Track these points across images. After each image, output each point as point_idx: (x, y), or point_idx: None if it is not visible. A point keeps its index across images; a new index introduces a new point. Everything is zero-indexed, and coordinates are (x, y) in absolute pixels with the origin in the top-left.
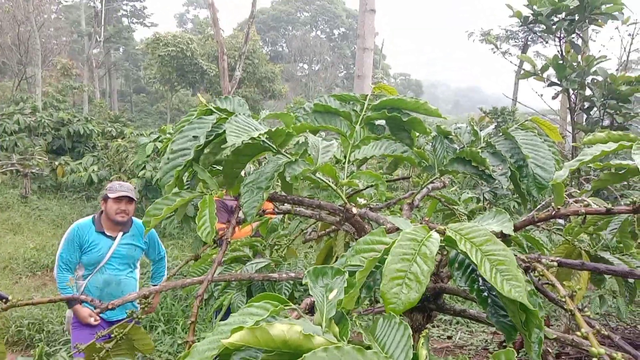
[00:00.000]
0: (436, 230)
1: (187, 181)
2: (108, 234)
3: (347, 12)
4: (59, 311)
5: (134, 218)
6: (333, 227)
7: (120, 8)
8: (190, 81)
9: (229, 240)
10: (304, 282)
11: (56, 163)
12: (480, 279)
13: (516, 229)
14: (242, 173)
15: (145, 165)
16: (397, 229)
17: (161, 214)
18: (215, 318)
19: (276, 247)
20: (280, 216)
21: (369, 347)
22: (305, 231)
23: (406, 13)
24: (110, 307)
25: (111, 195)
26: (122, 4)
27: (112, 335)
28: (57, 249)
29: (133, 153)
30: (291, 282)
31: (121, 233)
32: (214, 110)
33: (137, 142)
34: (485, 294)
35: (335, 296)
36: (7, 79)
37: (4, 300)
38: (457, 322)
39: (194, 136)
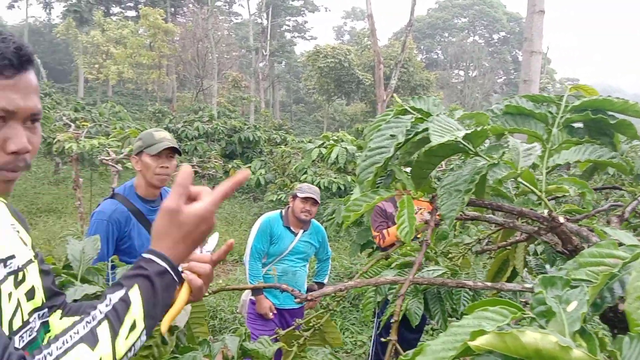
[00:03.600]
0: None
1: (378, 181)
2: (292, 229)
3: (508, 15)
4: (230, 301)
5: (312, 219)
6: (515, 238)
7: (283, 23)
8: (346, 91)
9: (429, 242)
10: (535, 290)
11: (229, 166)
12: None
13: None
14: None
15: (306, 170)
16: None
17: (361, 209)
18: (379, 320)
19: (449, 255)
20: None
21: None
22: (480, 240)
23: (574, 14)
24: (309, 298)
25: (300, 195)
26: (285, 20)
27: (307, 325)
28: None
29: (296, 159)
30: (470, 292)
31: (302, 230)
32: (410, 110)
33: (303, 148)
34: None
35: (575, 309)
36: (187, 91)
37: None
38: None
39: (391, 135)
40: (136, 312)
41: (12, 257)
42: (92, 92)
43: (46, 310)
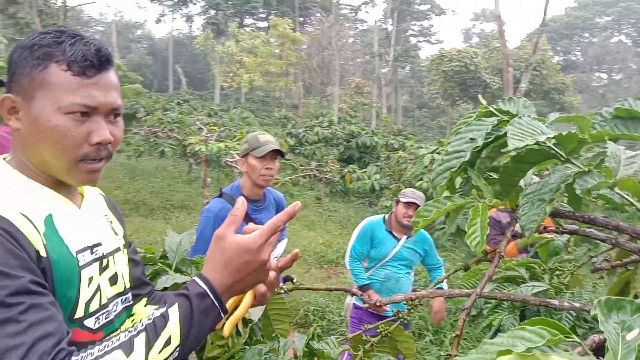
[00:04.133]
0: None
1: (459, 187)
2: (395, 234)
3: None
4: (338, 303)
5: None
6: (633, 257)
7: (409, 28)
8: (472, 95)
9: (503, 255)
10: (592, 313)
11: (345, 170)
12: None
13: None
14: (521, 183)
15: (422, 177)
16: None
17: (430, 215)
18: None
19: (557, 272)
20: (565, 238)
21: None
22: (595, 258)
23: None
24: (377, 304)
25: (402, 200)
26: (410, 24)
27: (378, 331)
28: (342, 247)
29: (412, 165)
30: (573, 313)
31: (405, 237)
32: (495, 112)
33: (416, 154)
34: None
35: (635, 338)
36: (311, 97)
37: (290, 280)
38: None
39: (470, 138)
40: (172, 329)
41: (99, 244)
42: (226, 99)
43: (129, 295)
